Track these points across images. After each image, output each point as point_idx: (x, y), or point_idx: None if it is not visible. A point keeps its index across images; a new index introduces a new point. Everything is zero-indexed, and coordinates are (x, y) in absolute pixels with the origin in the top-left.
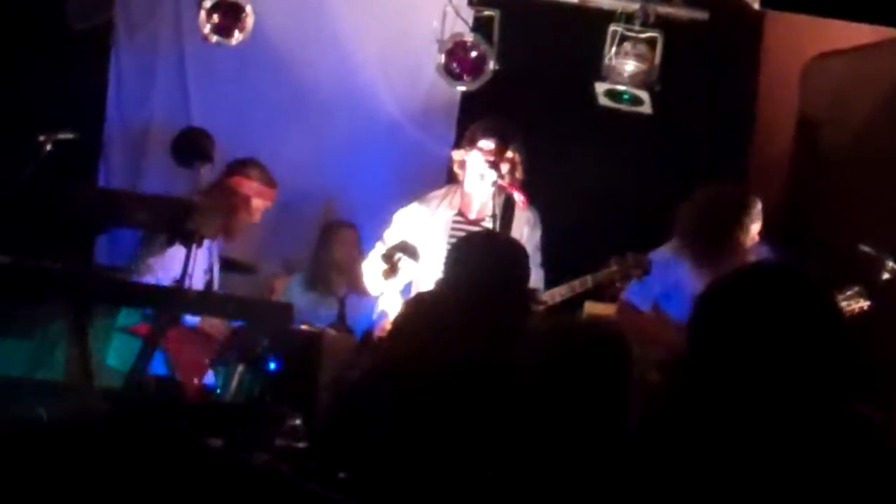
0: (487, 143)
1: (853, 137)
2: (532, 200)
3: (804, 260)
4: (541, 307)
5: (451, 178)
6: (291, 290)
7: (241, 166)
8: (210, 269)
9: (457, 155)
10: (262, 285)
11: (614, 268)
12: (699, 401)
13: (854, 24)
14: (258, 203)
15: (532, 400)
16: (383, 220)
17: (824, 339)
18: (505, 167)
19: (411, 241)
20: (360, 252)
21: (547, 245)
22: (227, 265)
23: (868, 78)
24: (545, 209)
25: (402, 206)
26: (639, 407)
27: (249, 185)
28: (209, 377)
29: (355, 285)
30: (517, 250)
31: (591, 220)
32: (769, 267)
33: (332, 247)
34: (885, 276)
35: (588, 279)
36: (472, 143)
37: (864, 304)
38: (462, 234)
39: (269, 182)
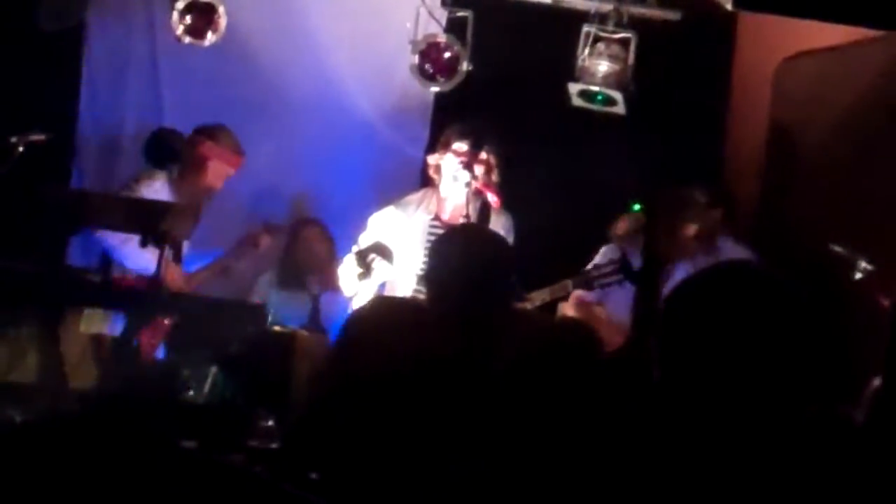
0: (461, 146)
1: (826, 137)
2: (506, 201)
3: (776, 259)
4: (525, 302)
5: (426, 180)
6: (262, 289)
7: (205, 128)
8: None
9: (431, 159)
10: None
11: (592, 272)
12: (668, 404)
13: (827, 25)
14: (218, 166)
15: (507, 398)
16: (357, 219)
17: (794, 338)
18: (479, 169)
19: (385, 243)
20: (330, 247)
21: (520, 245)
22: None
23: (840, 79)
24: (519, 210)
25: (376, 207)
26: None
27: (211, 147)
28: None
29: (328, 282)
30: (498, 243)
31: (564, 220)
32: (738, 266)
33: (298, 244)
34: (857, 275)
35: (568, 283)
36: (446, 147)
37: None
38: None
39: (234, 148)
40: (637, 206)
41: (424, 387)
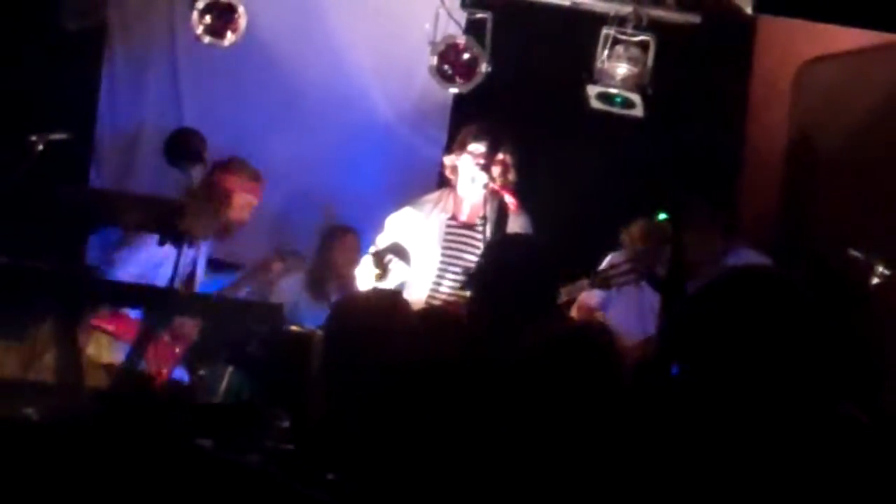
0: (478, 147)
1: (846, 142)
2: (523, 202)
3: (795, 263)
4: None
5: (444, 181)
6: (286, 290)
7: (222, 164)
8: (193, 265)
9: (448, 160)
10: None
11: (610, 271)
12: (683, 406)
13: (847, 29)
14: (243, 198)
15: (524, 401)
16: (375, 221)
17: (811, 342)
18: (496, 170)
19: (402, 244)
20: (358, 257)
21: None
22: (215, 266)
23: (861, 83)
24: (536, 211)
25: (394, 208)
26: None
27: (232, 181)
28: (179, 372)
29: (347, 290)
30: (532, 250)
31: (582, 222)
32: (756, 271)
33: (334, 252)
34: (875, 280)
35: (585, 283)
36: (462, 147)
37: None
38: (455, 237)
39: (253, 176)
40: (663, 215)
41: (446, 390)
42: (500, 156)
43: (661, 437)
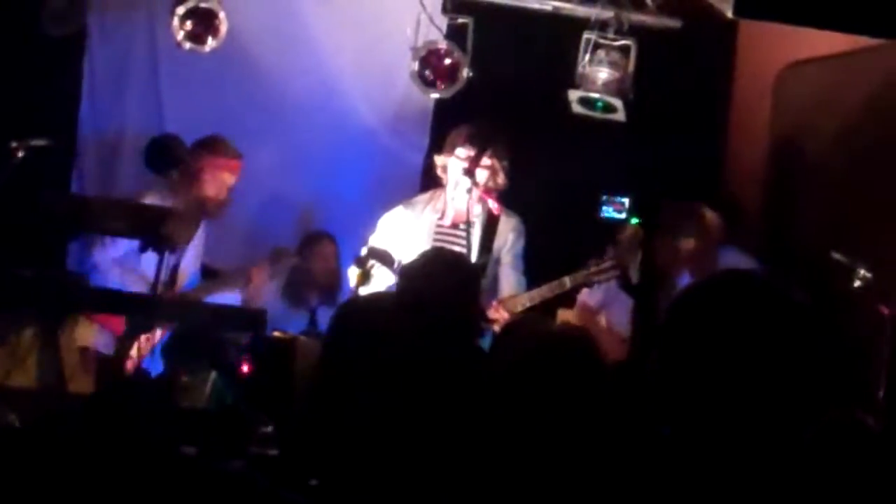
0: (463, 151)
1: (827, 145)
2: (506, 206)
3: (778, 266)
4: (491, 325)
5: (426, 185)
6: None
7: (199, 141)
8: (174, 270)
9: (439, 160)
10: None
11: (591, 269)
12: (673, 409)
13: (828, 33)
14: (215, 175)
15: (502, 404)
16: (356, 226)
17: (796, 346)
18: (483, 174)
19: (385, 247)
20: (337, 264)
21: (522, 250)
22: (207, 274)
23: (842, 86)
24: (519, 215)
25: (375, 213)
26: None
27: (204, 157)
28: (148, 361)
29: (328, 298)
30: (462, 271)
31: (564, 226)
32: (738, 275)
33: (311, 258)
34: (857, 283)
35: (566, 280)
36: (451, 150)
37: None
38: (443, 238)
39: (227, 153)
40: (635, 220)
41: (427, 394)
42: (487, 160)
43: (644, 447)
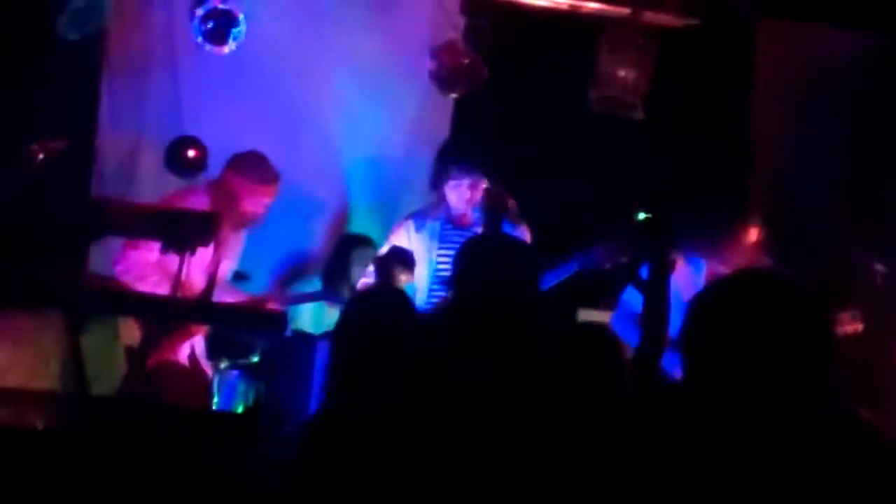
0: (462, 188)
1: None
2: (523, 207)
3: (799, 267)
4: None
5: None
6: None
7: (235, 161)
8: (211, 272)
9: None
10: None
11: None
12: (691, 408)
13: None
14: (252, 201)
15: (523, 402)
16: (378, 227)
17: (815, 344)
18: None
19: (406, 249)
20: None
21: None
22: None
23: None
24: (536, 215)
25: (396, 214)
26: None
27: (240, 183)
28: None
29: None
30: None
31: (581, 226)
32: (761, 273)
33: (351, 264)
34: (878, 281)
35: None
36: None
37: (858, 326)
38: (451, 241)
39: (265, 179)
40: (642, 216)
41: (433, 388)
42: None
43: (661, 440)
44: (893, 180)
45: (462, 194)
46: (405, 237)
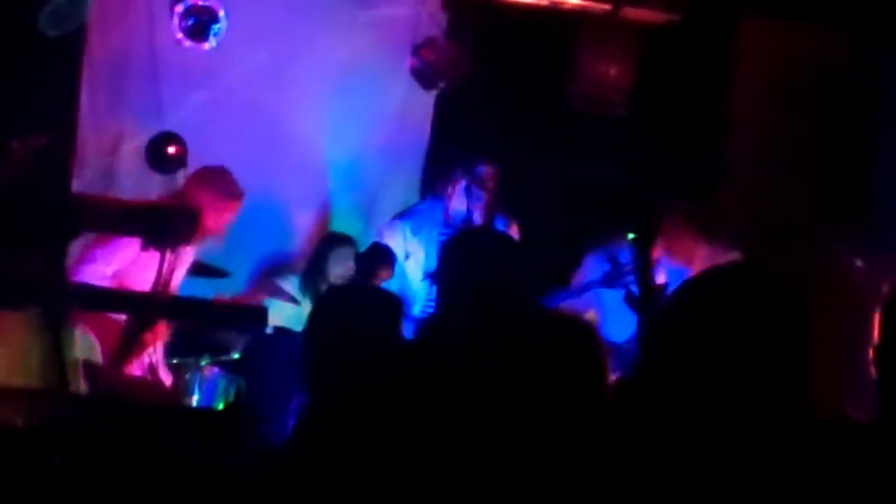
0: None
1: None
2: (506, 203)
3: (777, 260)
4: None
5: (426, 183)
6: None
7: (199, 175)
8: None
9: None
10: None
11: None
12: (666, 407)
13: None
14: (215, 216)
15: (502, 393)
16: (359, 227)
17: (790, 339)
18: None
19: (385, 246)
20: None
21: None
22: (199, 270)
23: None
24: (519, 212)
25: (376, 213)
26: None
27: (204, 196)
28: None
29: None
30: (508, 245)
31: (564, 222)
32: (733, 269)
33: (330, 262)
34: (857, 277)
35: None
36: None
37: None
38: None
39: (229, 194)
40: (631, 235)
41: (414, 382)
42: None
43: (640, 438)
44: (870, 177)
45: (463, 197)
46: (400, 240)
